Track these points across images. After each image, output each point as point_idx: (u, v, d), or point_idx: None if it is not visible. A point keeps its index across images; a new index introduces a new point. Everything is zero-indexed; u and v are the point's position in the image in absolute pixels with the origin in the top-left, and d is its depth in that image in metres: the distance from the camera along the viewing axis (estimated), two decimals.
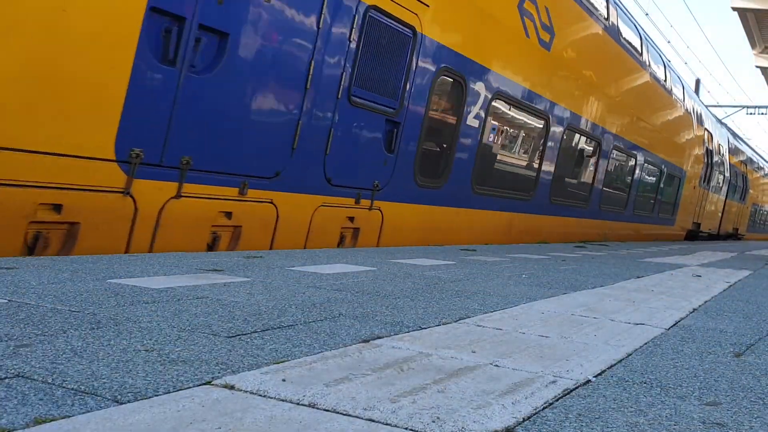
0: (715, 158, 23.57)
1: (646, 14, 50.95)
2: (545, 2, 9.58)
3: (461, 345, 2.35)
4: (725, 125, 28.43)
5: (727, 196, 26.81)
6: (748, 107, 42.11)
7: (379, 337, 2.38)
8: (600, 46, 12.06)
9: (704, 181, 22.36)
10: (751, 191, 32.58)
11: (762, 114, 41.90)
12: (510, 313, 3.11)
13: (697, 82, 32.15)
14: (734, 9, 18.29)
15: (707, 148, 21.98)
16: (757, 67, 22.92)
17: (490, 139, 9.05)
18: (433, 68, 7.33)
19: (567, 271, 5.54)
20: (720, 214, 26.69)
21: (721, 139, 24.72)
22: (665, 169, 18.11)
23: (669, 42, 35.92)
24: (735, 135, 30.76)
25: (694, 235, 22.60)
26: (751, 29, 20.16)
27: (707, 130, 21.90)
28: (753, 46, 21.76)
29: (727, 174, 26.11)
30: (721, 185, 25.48)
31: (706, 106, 23.64)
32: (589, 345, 2.52)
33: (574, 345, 2.50)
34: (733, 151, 27.63)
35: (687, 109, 19.04)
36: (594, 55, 11.87)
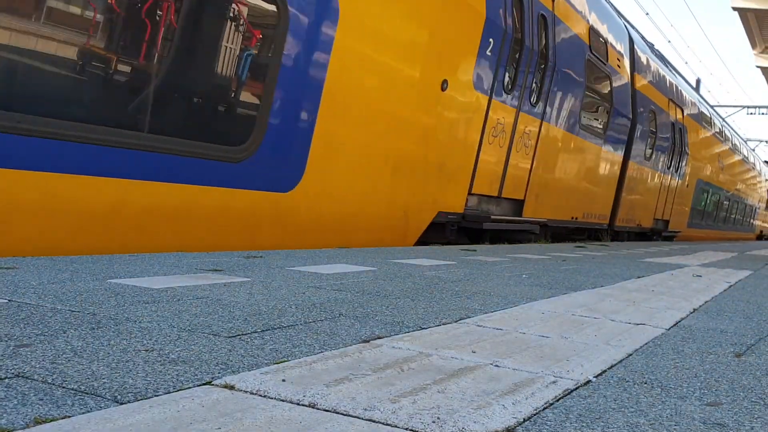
0: (567, 43, 10.20)
1: (647, 14, 51.01)
2: None
3: (461, 345, 2.35)
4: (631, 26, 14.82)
5: (631, 153, 13.82)
6: (748, 107, 42.14)
7: (380, 337, 2.37)
8: None
9: (508, 84, 8.88)
10: (694, 159, 19.21)
11: (762, 114, 41.89)
12: (510, 313, 3.11)
13: (698, 81, 32.10)
14: (734, 9, 18.29)
15: None
16: (757, 67, 22.90)
17: None
18: None
19: (567, 271, 5.54)
20: (614, 187, 13.52)
21: (606, 31, 11.92)
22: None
23: (669, 41, 35.86)
24: (662, 58, 17.35)
25: (476, 232, 9.03)
26: (751, 29, 20.16)
27: None
28: (753, 46, 21.76)
29: (625, 103, 12.99)
30: (608, 122, 12.34)
31: None
32: (590, 345, 2.52)
33: (575, 345, 2.50)
34: (652, 78, 14.75)
35: None
36: None
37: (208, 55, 5.41)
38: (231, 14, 5.70)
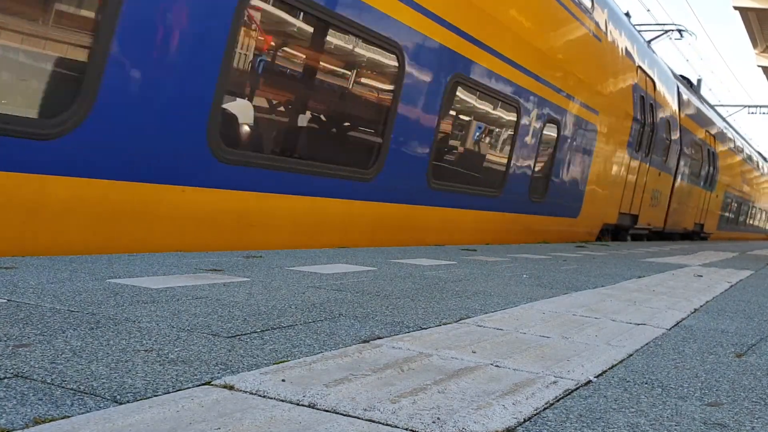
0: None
1: (648, 10, 50.98)
2: None
3: (462, 345, 2.34)
4: None
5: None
6: (749, 106, 42.12)
7: (380, 338, 2.37)
8: None
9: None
10: None
11: (763, 113, 41.89)
12: (511, 314, 3.10)
13: (699, 81, 32.05)
14: (736, 8, 18.27)
15: None
16: (758, 66, 22.87)
17: None
18: None
19: (568, 272, 5.53)
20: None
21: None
22: None
23: (671, 38, 35.82)
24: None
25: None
26: (752, 28, 20.13)
27: None
28: (755, 45, 21.72)
29: None
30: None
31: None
32: (590, 345, 2.51)
33: (575, 345, 2.49)
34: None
35: None
36: None
37: None
38: None
